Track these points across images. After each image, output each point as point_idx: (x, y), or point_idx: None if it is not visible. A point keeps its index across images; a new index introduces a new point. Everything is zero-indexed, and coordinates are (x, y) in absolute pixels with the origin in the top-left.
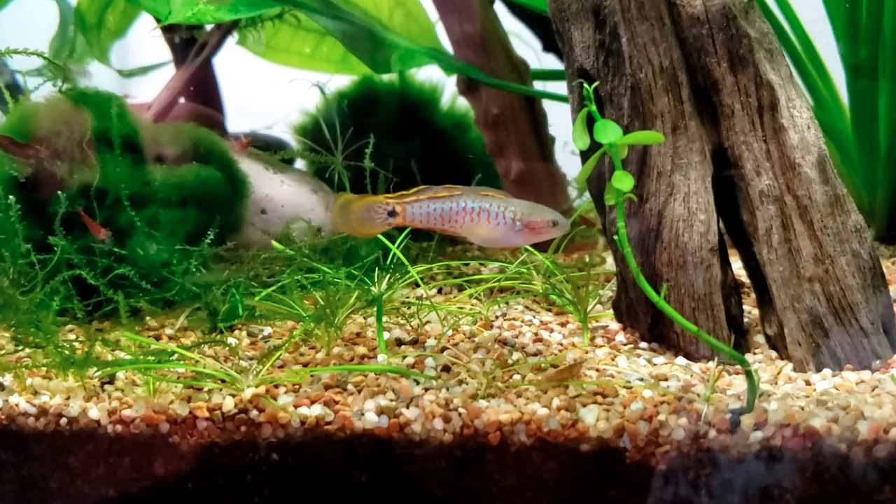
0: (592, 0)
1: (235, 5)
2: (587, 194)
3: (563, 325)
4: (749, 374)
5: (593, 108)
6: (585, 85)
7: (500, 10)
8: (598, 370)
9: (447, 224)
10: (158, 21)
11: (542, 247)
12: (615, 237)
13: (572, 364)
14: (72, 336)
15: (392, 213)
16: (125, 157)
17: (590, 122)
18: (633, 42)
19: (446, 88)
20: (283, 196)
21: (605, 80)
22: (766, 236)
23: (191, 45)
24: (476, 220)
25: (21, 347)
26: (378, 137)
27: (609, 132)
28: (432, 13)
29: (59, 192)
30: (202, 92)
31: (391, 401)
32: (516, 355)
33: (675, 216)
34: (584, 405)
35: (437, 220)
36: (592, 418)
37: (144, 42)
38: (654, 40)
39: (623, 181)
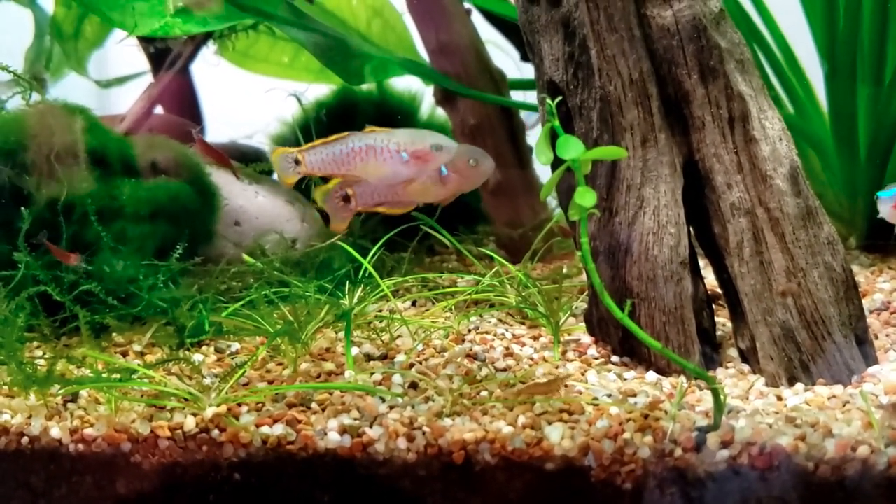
0: (562, 12)
1: (204, 18)
2: None
3: (535, 338)
4: (715, 392)
5: (556, 123)
6: (548, 100)
7: (478, 19)
8: (566, 386)
9: (343, 168)
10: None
11: (516, 257)
12: (578, 252)
13: (553, 379)
14: (39, 352)
15: (297, 162)
16: (92, 172)
17: (556, 138)
18: (603, 54)
19: (425, 98)
20: (258, 207)
21: (575, 92)
22: (737, 249)
23: (167, 54)
24: (366, 158)
25: None
26: None
27: (571, 148)
28: (410, 23)
29: (23, 209)
30: (180, 102)
31: (355, 419)
32: (485, 371)
33: (645, 229)
34: (550, 423)
35: (333, 164)
36: (557, 436)
37: (123, 52)
38: (624, 52)
39: (585, 197)
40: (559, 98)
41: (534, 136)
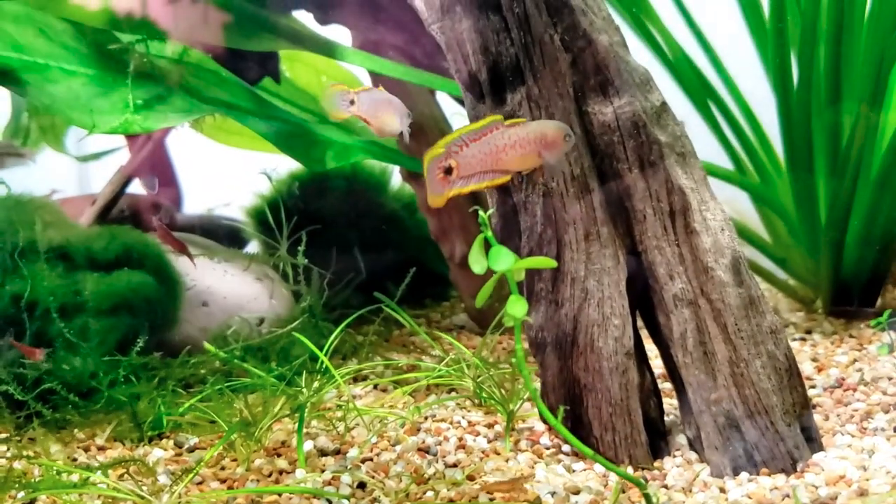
0: (506, 110)
1: (165, 113)
2: None
3: (490, 426)
4: (647, 498)
5: (489, 233)
6: (480, 212)
7: (443, 96)
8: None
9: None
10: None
11: (485, 328)
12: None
13: (518, 478)
14: (2, 447)
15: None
16: (56, 267)
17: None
18: None
19: (395, 172)
20: (226, 287)
21: (519, 188)
22: (681, 339)
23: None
24: None
25: None
26: (329, 219)
27: (503, 259)
28: None
29: None
30: (157, 176)
31: None
32: (433, 469)
33: (590, 321)
34: None
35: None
36: None
37: None
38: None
39: (516, 307)
40: (491, 210)
41: None
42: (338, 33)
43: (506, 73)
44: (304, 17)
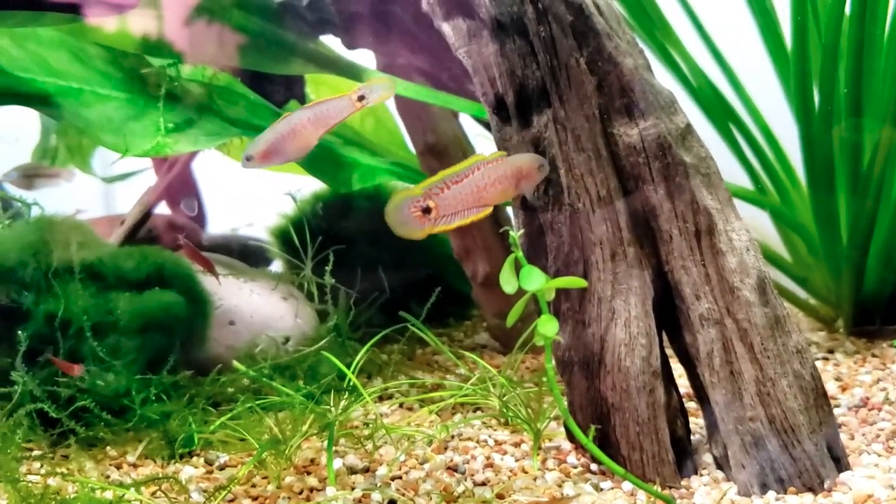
0: (532, 132)
1: (196, 136)
2: None
3: (517, 444)
4: None
5: (520, 254)
6: (511, 232)
7: (466, 117)
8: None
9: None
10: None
11: (508, 347)
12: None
13: (561, 499)
14: (37, 464)
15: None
16: (88, 287)
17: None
18: (571, 173)
19: None
20: (252, 306)
21: (546, 209)
22: (707, 359)
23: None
24: None
25: None
26: (353, 239)
27: (534, 279)
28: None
29: (20, 330)
30: (182, 196)
31: None
32: (463, 487)
33: (617, 341)
34: None
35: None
36: None
37: None
38: (591, 171)
39: (548, 326)
40: (521, 231)
41: None
42: (363, 57)
43: (532, 96)
44: (330, 41)
